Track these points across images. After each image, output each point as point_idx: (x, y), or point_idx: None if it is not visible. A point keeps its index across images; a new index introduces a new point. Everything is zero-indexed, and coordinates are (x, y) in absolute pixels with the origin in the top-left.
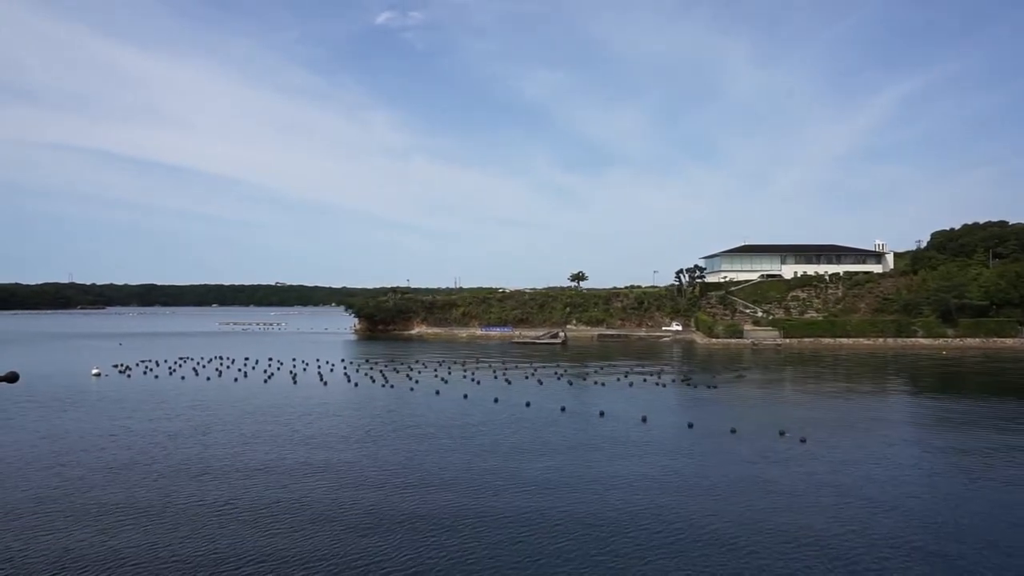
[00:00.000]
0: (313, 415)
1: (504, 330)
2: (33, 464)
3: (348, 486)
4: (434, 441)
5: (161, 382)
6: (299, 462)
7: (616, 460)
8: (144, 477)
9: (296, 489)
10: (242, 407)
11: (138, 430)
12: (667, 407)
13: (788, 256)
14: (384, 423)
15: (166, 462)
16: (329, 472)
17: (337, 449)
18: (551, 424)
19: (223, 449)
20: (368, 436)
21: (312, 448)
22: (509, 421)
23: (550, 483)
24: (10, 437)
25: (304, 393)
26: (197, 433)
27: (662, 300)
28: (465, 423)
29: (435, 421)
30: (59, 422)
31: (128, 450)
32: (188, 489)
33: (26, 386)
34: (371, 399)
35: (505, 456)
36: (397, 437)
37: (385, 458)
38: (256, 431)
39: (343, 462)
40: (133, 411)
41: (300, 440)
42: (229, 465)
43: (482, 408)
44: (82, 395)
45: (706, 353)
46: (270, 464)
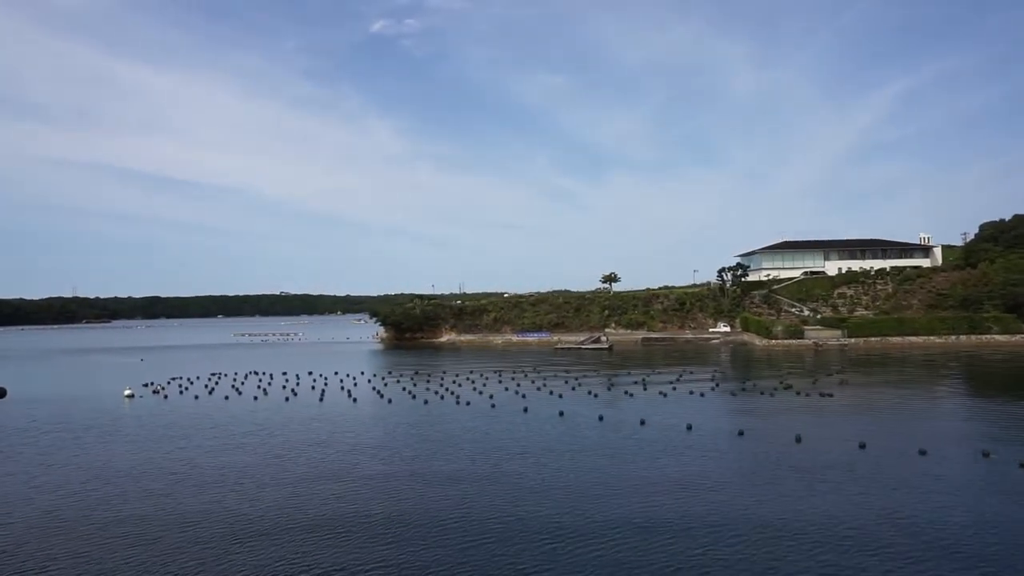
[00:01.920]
0: (404, 445)
1: (541, 335)
2: (85, 517)
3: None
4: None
5: (203, 403)
6: (432, 515)
7: (852, 506)
8: (230, 534)
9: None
10: (310, 434)
11: (202, 464)
12: (815, 423)
13: (832, 252)
14: (489, 447)
15: (251, 510)
16: (468, 525)
17: (461, 485)
18: (705, 452)
19: (312, 488)
20: (488, 462)
21: (431, 486)
22: (644, 449)
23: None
24: (51, 478)
25: (370, 413)
26: (273, 467)
27: (704, 301)
28: (580, 446)
29: (558, 446)
30: (103, 455)
31: (199, 494)
32: (294, 551)
33: (56, 411)
34: (449, 418)
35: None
36: (523, 460)
37: (520, 477)
38: (347, 466)
39: (486, 509)
40: (185, 439)
41: (416, 480)
42: (333, 516)
43: (590, 429)
44: (119, 420)
45: (766, 355)
46: (392, 516)
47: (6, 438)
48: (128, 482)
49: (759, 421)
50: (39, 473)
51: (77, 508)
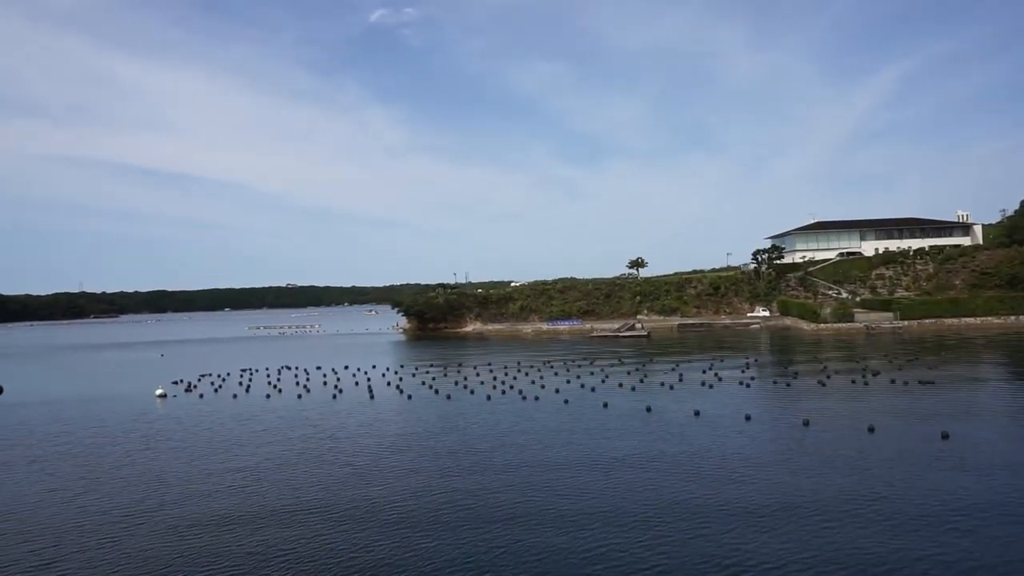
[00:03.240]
0: (498, 448)
1: (573, 323)
2: (150, 550)
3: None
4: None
5: (244, 403)
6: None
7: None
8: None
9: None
10: (377, 438)
11: (272, 478)
12: (954, 419)
13: (868, 232)
14: (597, 450)
15: (360, 538)
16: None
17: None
18: (883, 461)
19: (423, 500)
20: (599, 467)
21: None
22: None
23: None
24: (99, 496)
25: (433, 412)
26: (365, 480)
27: (739, 285)
28: (722, 453)
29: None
30: (153, 466)
31: (286, 523)
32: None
33: (85, 412)
34: (527, 416)
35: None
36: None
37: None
38: (449, 484)
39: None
40: (239, 445)
41: (553, 492)
42: (472, 557)
43: (704, 429)
44: (157, 423)
45: (817, 340)
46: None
47: (37, 445)
48: (193, 503)
49: (891, 419)
50: (83, 490)
51: (138, 538)
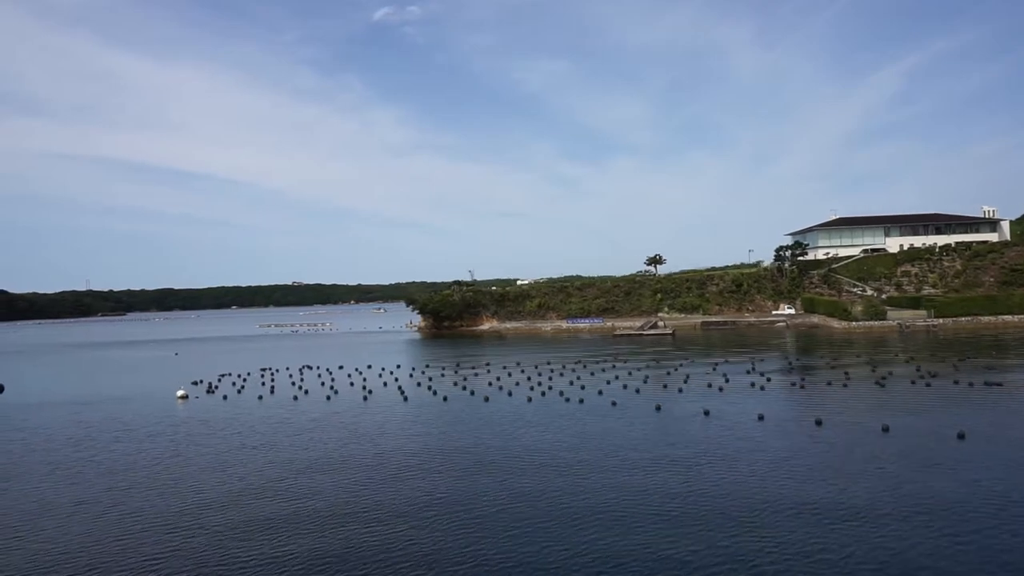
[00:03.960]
0: (553, 450)
1: (594, 321)
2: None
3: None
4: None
5: (270, 405)
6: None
7: None
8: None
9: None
10: (419, 440)
11: (325, 490)
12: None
13: (892, 228)
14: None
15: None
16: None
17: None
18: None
19: (485, 523)
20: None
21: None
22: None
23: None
24: (130, 510)
25: (473, 415)
26: (421, 486)
27: (761, 282)
28: (785, 456)
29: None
30: (188, 477)
31: (338, 534)
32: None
33: (106, 415)
34: (576, 418)
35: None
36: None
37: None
38: (505, 493)
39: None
40: (274, 450)
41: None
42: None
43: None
44: (182, 427)
45: (849, 339)
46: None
47: (59, 450)
48: (235, 511)
49: (986, 426)
50: (113, 501)
51: (183, 556)
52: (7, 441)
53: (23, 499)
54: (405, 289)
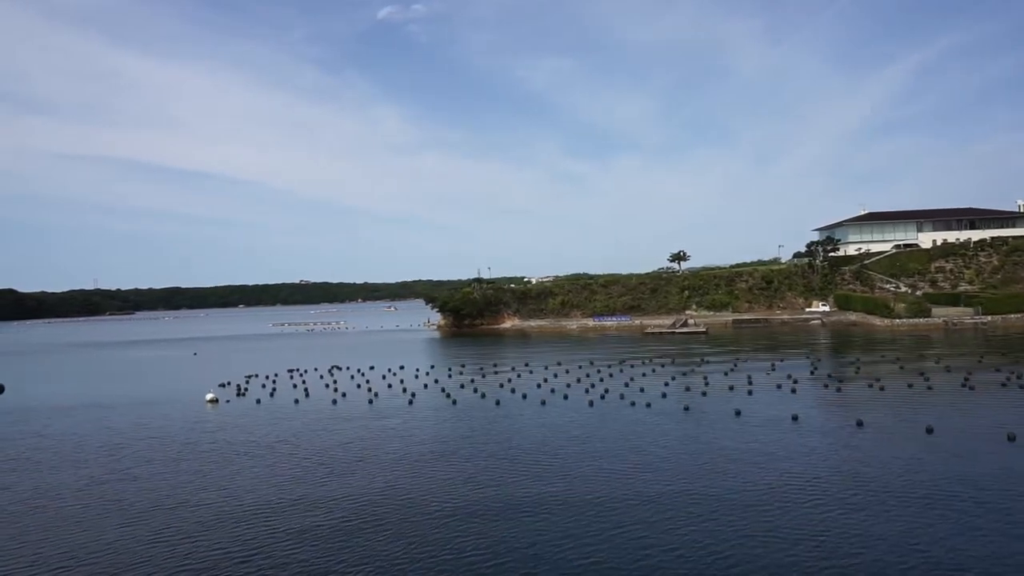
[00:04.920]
0: (645, 459)
1: (621, 319)
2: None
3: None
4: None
5: (307, 409)
6: None
7: None
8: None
9: None
10: (494, 449)
11: (394, 508)
12: None
13: (924, 223)
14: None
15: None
16: None
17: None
18: None
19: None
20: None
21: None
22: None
23: None
24: (190, 538)
25: (536, 420)
26: (516, 497)
27: (793, 278)
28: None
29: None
30: (236, 488)
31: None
32: None
33: (134, 420)
34: (652, 424)
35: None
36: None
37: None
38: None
39: None
40: (328, 464)
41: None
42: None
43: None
44: (218, 433)
45: (892, 337)
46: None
47: (93, 461)
48: (334, 556)
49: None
50: (163, 524)
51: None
52: (35, 449)
53: (63, 522)
54: (412, 287)
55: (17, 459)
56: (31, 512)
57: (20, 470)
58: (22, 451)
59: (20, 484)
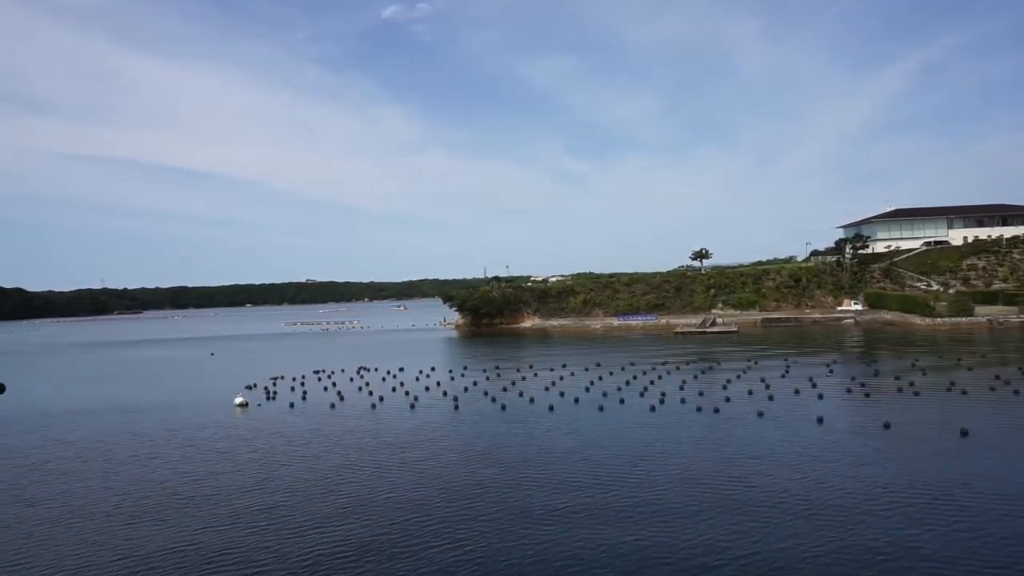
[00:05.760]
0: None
1: (647, 318)
2: None
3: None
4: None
5: (344, 415)
6: None
7: None
8: None
9: None
10: (569, 463)
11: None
12: None
13: (955, 219)
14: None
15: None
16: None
17: None
18: None
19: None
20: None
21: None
22: None
23: None
24: (244, 554)
25: (592, 431)
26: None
27: (821, 276)
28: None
29: None
30: (294, 508)
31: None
32: None
33: (162, 425)
34: (738, 438)
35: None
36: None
37: None
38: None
39: None
40: (390, 476)
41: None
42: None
43: None
44: (256, 442)
45: (934, 336)
46: None
47: (124, 470)
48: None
49: None
50: (222, 545)
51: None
52: (61, 458)
53: (100, 546)
54: (418, 287)
55: (42, 469)
56: (62, 534)
57: (46, 482)
58: (47, 459)
59: (48, 499)
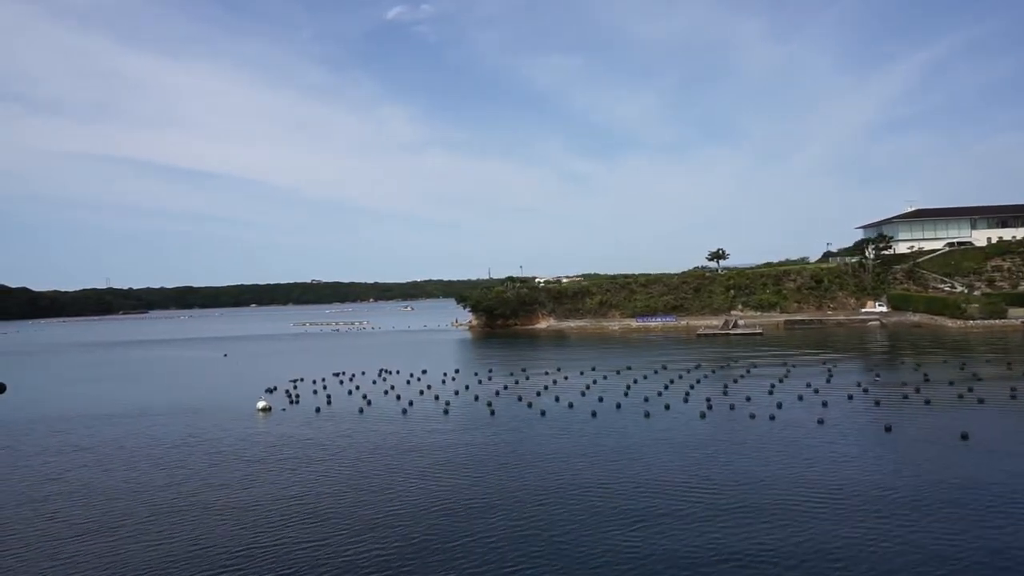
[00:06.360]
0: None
1: (666, 320)
2: None
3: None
4: None
5: (375, 419)
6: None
7: None
8: None
9: None
10: (635, 481)
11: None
12: None
13: (979, 220)
14: None
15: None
16: None
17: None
18: None
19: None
20: None
21: None
22: None
23: None
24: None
25: (650, 444)
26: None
27: (844, 278)
28: None
29: None
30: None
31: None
32: None
33: (185, 431)
34: (828, 454)
35: None
36: None
37: None
38: None
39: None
40: (442, 498)
41: None
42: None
43: None
44: (285, 449)
45: (964, 339)
46: None
47: (148, 480)
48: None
49: None
50: (271, 564)
51: None
52: (81, 466)
53: (133, 563)
54: (423, 287)
55: (62, 479)
56: (90, 551)
57: (67, 494)
58: (66, 468)
59: (71, 512)
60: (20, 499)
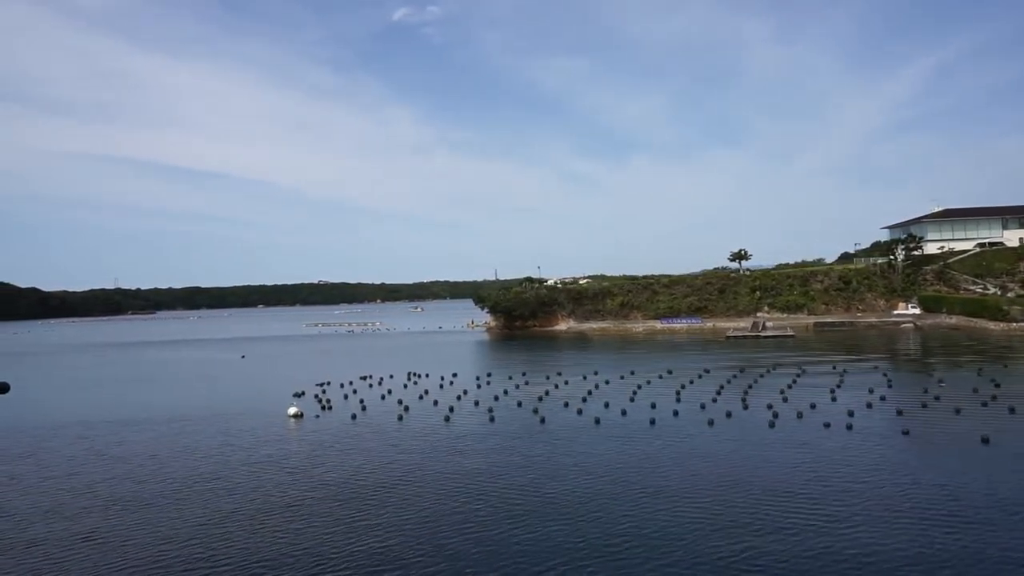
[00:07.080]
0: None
1: (691, 321)
2: None
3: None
4: None
5: (416, 428)
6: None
7: None
8: None
9: None
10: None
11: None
12: None
13: (1011, 219)
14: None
15: None
16: None
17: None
18: None
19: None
20: None
21: None
22: None
23: None
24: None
25: (729, 448)
26: None
27: (872, 279)
28: None
29: None
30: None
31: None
32: None
33: (217, 438)
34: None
35: None
36: None
37: None
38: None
39: None
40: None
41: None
42: None
43: None
44: (331, 460)
45: (1008, 342)
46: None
47: (187, 497)
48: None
49: None
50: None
51: None
52: (111, 479)
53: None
54: (430, 288)
55: (90, 492)
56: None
57: (99, 509)
58: (95, 480)
59: (107, 532)
60: (50, 515)
